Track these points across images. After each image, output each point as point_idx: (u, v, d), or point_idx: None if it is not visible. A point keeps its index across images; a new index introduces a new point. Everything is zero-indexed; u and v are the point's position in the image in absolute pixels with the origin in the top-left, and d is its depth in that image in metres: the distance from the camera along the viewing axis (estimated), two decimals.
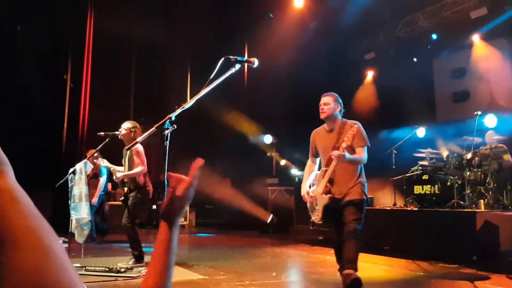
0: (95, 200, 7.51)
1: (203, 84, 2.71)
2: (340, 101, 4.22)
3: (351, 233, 3.90)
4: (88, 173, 5.37)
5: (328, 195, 4.13)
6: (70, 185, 5.32)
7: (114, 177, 5.35)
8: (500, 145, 7.18)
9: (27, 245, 0.54)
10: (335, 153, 3.83)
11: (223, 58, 2.51)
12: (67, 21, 10.34)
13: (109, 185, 8.94)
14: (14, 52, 9.39)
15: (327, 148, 4.19)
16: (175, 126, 2.41)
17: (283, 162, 12.02)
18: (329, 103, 4.15)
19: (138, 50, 11.97)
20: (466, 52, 9.78)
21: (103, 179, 7.87)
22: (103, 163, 5.40)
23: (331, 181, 4.14)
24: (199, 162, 1.05)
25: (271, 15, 11.59)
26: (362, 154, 4.00)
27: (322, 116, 4.19)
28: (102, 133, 5.39)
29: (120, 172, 5.31)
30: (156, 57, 11.79)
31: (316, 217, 4.34)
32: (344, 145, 3.96)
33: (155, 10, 11.20)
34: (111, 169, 5.46)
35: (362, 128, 4.07)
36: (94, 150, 5.89)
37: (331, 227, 4.49)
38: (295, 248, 7.64)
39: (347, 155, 3.86)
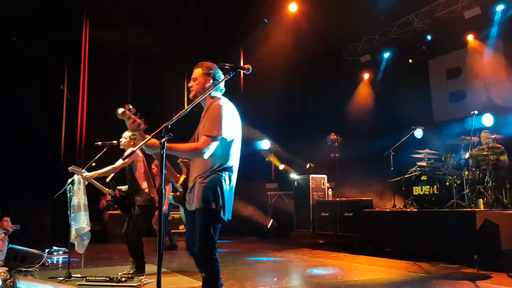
0: (165, 208, 7.38)
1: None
2: (214, 71, 3.00)
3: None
4: (86, 183, 5.35)
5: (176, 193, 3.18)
6: (69, 195, 5.31)
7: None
8: (498, 145, 7.21)
9: None
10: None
11: (217, 66, 2.52)
12: (63, 32, 10.37)
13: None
14: (10, 64, 9.41)
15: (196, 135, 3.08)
16: (172, 135, 2.42)
17: (282, 166, 12.02)
18: (197, 77, 3.02)
19: (135, 59, 12.00)
20: (461, 52, 9.84)
21: (169, 187, 7.59)
22: (84, 174, 5.31)
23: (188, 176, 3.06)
24: None
25: (266, 21, 11.64)
26: (199, 144, 2.77)
27: (190, 95, 3.06)
28: (100, 143, 5.39)
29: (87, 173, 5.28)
30: (153, 66, 11.81)
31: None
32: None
33: (151, 19, 11.24)
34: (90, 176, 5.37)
35: (222, 109, 2.84)
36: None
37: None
38: (296, 252, 7.63)
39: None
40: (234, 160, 2.93)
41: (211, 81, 2.97)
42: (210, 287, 2.77)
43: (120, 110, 2.58)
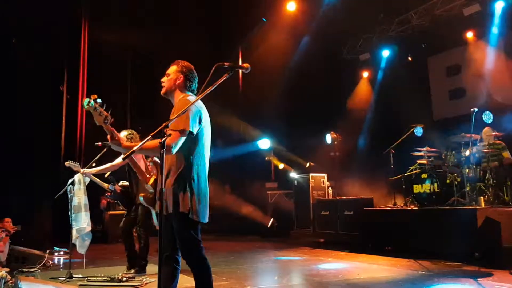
0: None
1: (199, 92, 2.70)
2: (188, 71, 3.00)
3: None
4: (86, 183, 5.35)
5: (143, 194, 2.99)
6: (69, 196, 5.31)
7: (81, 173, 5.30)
8: (498, 142, 7.19)
9: None
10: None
11: (215, 65, 2.52)
12: (62, 33, 10.37)
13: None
14: (9, 65, 9.40)
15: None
16: (171, 134, 2.41)
17: (281, 165, 12.02)
18: (170, 73, 3.01)
19: (134, 59, 12.00)
20: (461, 49, 9.83)
21: None
22: (82, 170, 5.33)
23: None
24: None
25: (265, 20, 11.63)
26: (169, 140, 2.56)
27: (161, 91, 3.06)
28: (100, 143, 5.38)
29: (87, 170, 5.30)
30: (152, 65, 11.80)
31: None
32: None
33: (150, 19, 11.23)
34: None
35: (187, 103, 2.73)
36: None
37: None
38: (296, 251, 7.63)
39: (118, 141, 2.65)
40: (203, 157, 2.83)
41: (182, 78, 2.96)
42: (204, 286, 2.75)
43: (86, 100, 2.49)
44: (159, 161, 2.80)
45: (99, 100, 2.53)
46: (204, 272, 2.74)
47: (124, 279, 4.71)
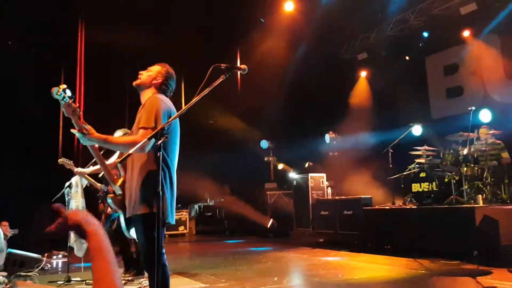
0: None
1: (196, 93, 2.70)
2: (170, 77, 3.02)
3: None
4: (84, 186, 5.33)
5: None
6: (67, 199, 5.29)
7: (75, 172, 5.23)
8: (498, 141, 7.20)
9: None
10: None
11: (212, 66, 2.50)
12: (58, 33, 10.34)
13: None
14: (6, 66, 9.37)
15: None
16: (168, 136, 2.40)
17: (280, 166, 12.02)
18: (151, 70, 3.03)
19: (131, 60, 11.96)
20: (458, 48, 9.83)
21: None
22: (76, 169, 5.26)
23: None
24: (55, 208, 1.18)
25: (263, 20, 11.63)
26: (137, 137, 2.61)
27: (134, 82, 3.06)
28: (97, 145, 5.35)
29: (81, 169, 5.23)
30: (150, 65, 11.78)
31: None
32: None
33: (147, 20, 11.21)
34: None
35: (158, 101, 2.78)
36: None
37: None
38: (296, 251, 7.62)
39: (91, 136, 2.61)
40: (172, 156, 2.78)
41: (161, 80, 2.97)
42: None
43: (55, 89, 2.41)
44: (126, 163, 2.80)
45: (68, 91, 2.47)
46: (162, 279, 2.48)
47: (123, 282, 4.70)
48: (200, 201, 12.83)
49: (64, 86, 2.42)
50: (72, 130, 2.65)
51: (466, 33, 9.57)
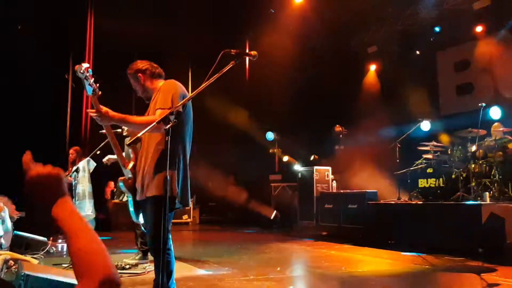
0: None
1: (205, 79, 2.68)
2: (140, 68, 2.98)
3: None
4: (91, 171, 5.35)
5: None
6: (73, 183, 5.32)
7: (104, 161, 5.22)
8: (506, 137, 7.11)
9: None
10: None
11: (222, 52, 2.48)
12: (68, 20, 10.34)
13: (111, 183, 8.92)
14: (14, 54, 9.39)
15: None
16: (176, 121, 2.39)
17: (285, 158, 11.99)
18: (134, 84, 3.05)
19: (139, 48, 11.94)
20: (470, 44, 9.69)
21: None
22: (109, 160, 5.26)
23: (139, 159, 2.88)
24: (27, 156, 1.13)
25: (273, 11, 11.53)
26: (155, 117, 2.63)
27: (143, 97, 3.10)
28: (105, 131, 5.36)
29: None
30: (157, 54, 11.75)
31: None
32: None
33: (155, 9, 11.17)
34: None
35: (175, 84, 2.87)
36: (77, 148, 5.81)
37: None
38: (299, 243, 7.62)
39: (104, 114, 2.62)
40: (186, 142, 2.80)
41: (142, 76, 2.95)
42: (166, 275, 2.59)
43: (78, 67, 2.39)
44: (136, 147, 2.87)
45: (91, 71, 2.48)
46: (166, 263, 2.58)
47: (127, 266, 4.73)
48: (204, 191, 12.87)
49: (87, 65, 2.42)
50: (88, 110, 2.67)
51: (478, 29, 9.41)
